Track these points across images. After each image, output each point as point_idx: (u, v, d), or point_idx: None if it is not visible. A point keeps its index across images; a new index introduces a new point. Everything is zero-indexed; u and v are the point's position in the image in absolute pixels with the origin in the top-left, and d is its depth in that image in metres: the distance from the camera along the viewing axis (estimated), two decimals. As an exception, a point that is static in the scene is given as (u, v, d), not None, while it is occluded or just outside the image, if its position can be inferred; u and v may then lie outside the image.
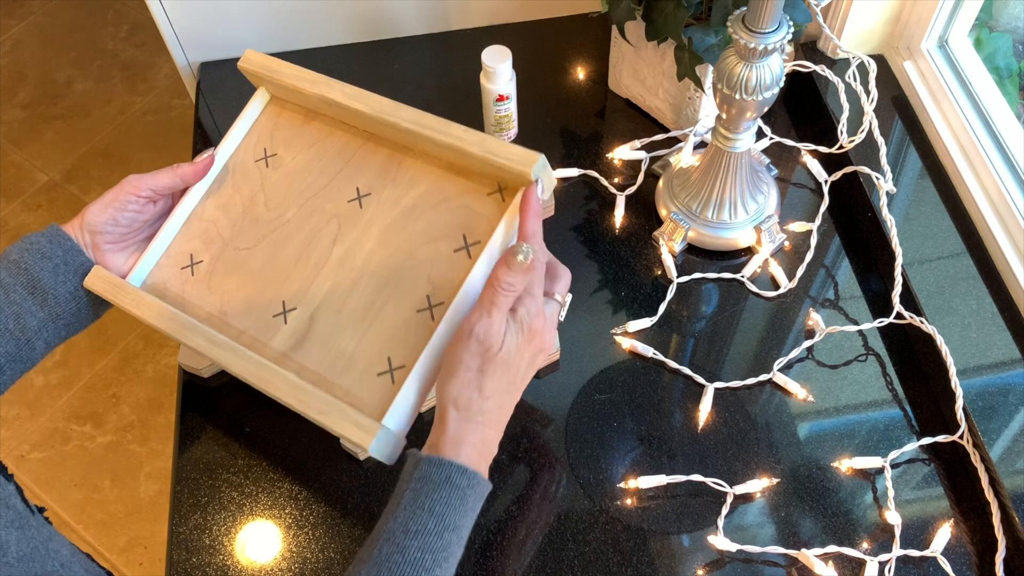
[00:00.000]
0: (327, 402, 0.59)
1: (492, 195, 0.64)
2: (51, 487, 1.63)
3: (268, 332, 0.65)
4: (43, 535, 0.52)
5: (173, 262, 0.71)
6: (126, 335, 1.82)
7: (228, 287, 0.68)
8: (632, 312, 0.85)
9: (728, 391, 0.80)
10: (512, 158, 0.59)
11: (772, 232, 0.88)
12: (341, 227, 0.67)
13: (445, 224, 0.64)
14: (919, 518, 0.72)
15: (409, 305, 0.62)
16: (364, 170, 0.69)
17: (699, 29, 0.83)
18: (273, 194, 0.71)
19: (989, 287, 0.81)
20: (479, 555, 0.71)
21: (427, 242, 0.64)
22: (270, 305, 0.66)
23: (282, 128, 0.73)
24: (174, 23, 1.04)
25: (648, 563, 0.70)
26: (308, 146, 0.72)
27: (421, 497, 0.52)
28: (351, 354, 0.62)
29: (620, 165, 0.97)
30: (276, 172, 0.71)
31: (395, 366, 0.61)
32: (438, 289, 0.62)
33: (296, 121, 0.73)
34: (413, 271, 0.63)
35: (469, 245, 0.63)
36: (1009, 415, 0.74)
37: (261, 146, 0.73)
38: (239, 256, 0.69)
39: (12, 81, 2.26)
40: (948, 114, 0.91)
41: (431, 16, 1.10)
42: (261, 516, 0.74)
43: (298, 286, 0.66)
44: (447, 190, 0.65)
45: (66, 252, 0.66)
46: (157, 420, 1.71)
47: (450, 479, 0.53)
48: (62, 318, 0.65)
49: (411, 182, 0.67)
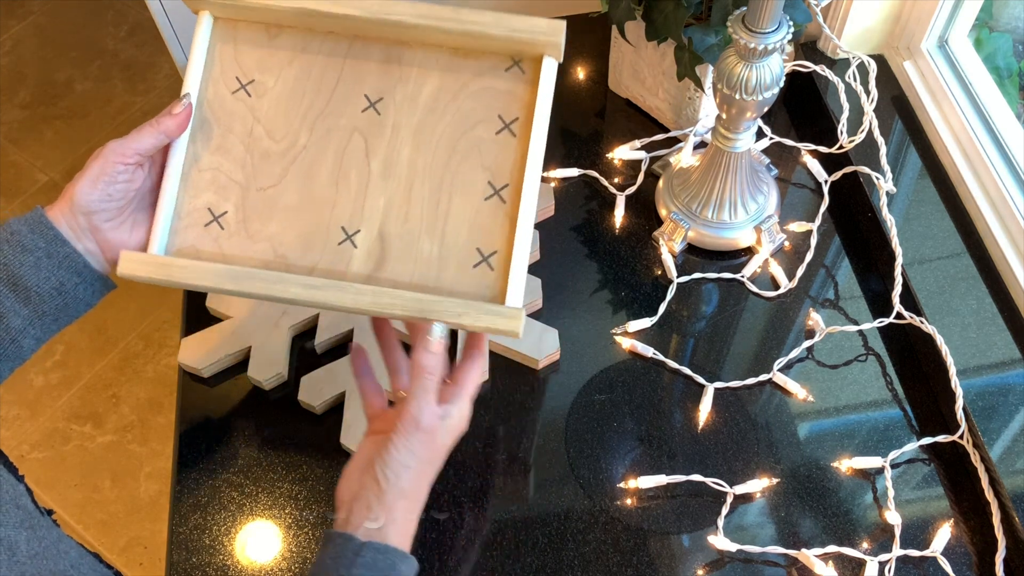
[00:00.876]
0: (460, 304, 0.58)
1: (511, 69, 0.64)
2: (51, 487, 1.63)
3: (342, 260, 0.62)
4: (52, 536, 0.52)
5: (191, 222, 0.64)
6: (126, 335, 1.82)
7: (272, 230, 0.63)
8: (632, 312, 0.85)
9: (728, 391, 0.80)
10: (537, 31, 0.61)
11: (772, 232, 0.88)
12: (368, 140, 0.64)
13: (475, 110, 0.63)
14: (919, 518, 0.72)
15: (475, 195, 0.62)
16: (364, 75, 0.64)
17: (699, 29, 0.83)
18: (272, 123, 0.64)
19: (989, 287, 0.81)
20: (480, 555, 0.71)
21: (465, 132, 0.63)
22: (330, 234, 0.63)
23: (245, 51, 0.65)
24: (174, 23, 1.04)
25: (648, 563, 0.70)
26: (287, 63, 0.65)
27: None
28: (438, 257, 0.62)
29: (620, 165, 0.97)
30: (263, 100, 0.65)
31: (487, 254, 0.62)
32: (497, 173, 0.62)
33: (258, 39, 0.65)
34: (464, 164, 0.63)
35: (508, 124, 0.63)
36: (1009, 415, 0.74)
37: (231, 76, 0.65)
38: (267, 196, 0.64)
39: (12, 81, 2.26)
40: (948, 114, 0.91)
41: (431, 16, 1.10)
42: (261, 516, 0.74)
43: (351, 209, 0.63)
44: (462, 76, 0.64)
45: (49, 243, 0.59)
46: (157, 420, 1.71)
47: (395, 567, 0.55)
48: (48, 314, 0.61)
49: (420, 76, 0.64)
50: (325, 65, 0.65)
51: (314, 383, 0.78)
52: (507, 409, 0.79)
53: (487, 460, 0.76)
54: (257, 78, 0.65)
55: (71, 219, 0.60)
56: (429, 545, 0.71)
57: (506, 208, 0.62)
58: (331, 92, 0.64)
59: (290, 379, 0.80)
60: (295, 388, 0.79)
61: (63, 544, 0.53)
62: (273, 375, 0.79)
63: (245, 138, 0.64)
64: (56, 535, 0.53)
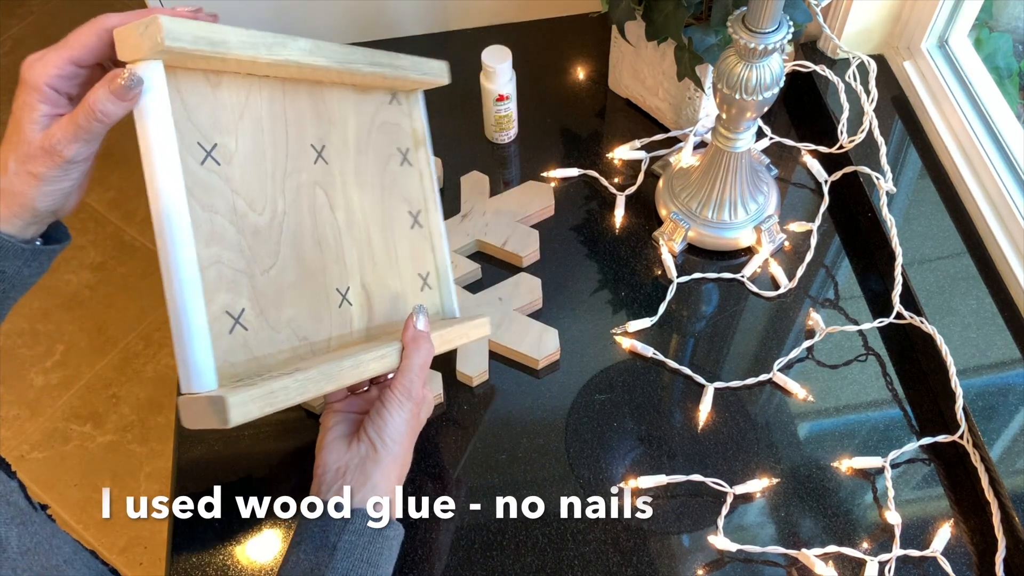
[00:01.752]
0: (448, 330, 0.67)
1: (392, 103, 0.71)
2: (51, 487, 1.63)
3: (345, 323, 0.65)
4: (46, 532, 0.52)
5: (217, 334, 0.55)
6: (126, 335, 1.82)
7: (288, 314, 0.60)
8: (632, 312, 0.85)
9: (728, 391, 0.80)
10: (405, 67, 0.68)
11: (772, 232, 0.88)
12: (327, 193, 0.65)
13: (384, 144, 0.70)
14: (919, 518, 0.72)
15: (405, 226, 0.71)
16: (304, 123, 0.63)
17: (699, 29, 0.83)
18: (249, 193, 0.59)
19: (989, 287, 0.81)
20: (480, 555, 0.71)
21: (384, 168, 0.70)
22: (330, 299, 0.65)
23: (193, 104, 0.56)
24: (174, 23, 1.04)
25: (648, 563, 0.70)
26: (238, 118, 0.59)
27: (358, 550, 0.55)
28: (401, 292, 0.69)
29: (620, 165, 0.97)
30: (232, 166, 0.58)
31: (424, 276, 0.72)
32: (412, 201, 0.72)
33: (202, 88, 0.57)
34: (391, 199, 0.70)
35: (405, 155, 0.72)
36: (1009, 415, 0.74)
37: (192, 141, 0.56)
38: (271, 279, 0.60)
39: (12, 81, 2.25)
40: (948, 114, 0.91)
41: (431, 16, 1.10)
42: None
43: (337, 268, 0.65)
44: (367, 110, 0.69)
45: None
46: (157, 420, 1.71)
47: (382, 532, 0.56)
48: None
49: (341, 115, 0.67)
50: (269, 115, 0.61)
51: (314, 383, 0.78)
52: (507, 409, 0.79)
53: (487, 460, 0.76)
54: (218, 141, 0.57)
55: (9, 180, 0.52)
56: (429, 545, 0.71)
57: (424, 231, 0.72)
58: (285, 146, 0.62)
59: (290, 379, 0.80)
60: (295, 388, 0.78)
61: (57, 540, 0.53)
62: (273, 375, 0.79)
63: (231, 216, 0.58)
64: (50, 530, 0.53)
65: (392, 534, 0.57)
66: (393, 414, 0.59)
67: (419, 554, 0.71)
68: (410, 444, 0.61)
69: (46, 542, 0.51)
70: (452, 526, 0.72)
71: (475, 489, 0.74)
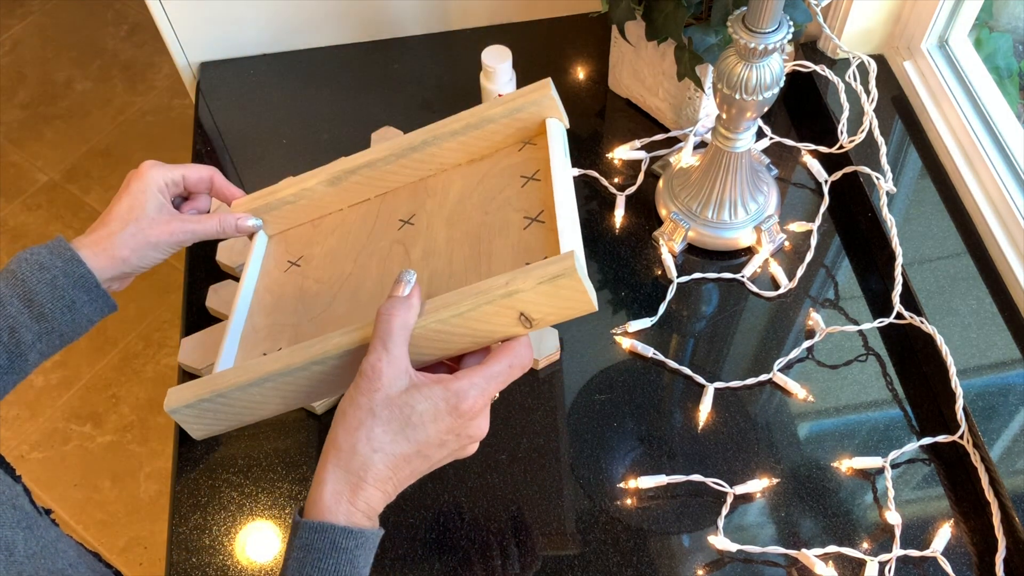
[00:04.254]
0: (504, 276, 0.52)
1: (522, 150, 0.64)
2: (51, 487, 1.63)
3: None
4: (50, 536, 0.52)
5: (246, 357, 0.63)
6: (126, 335, 1.82)
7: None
8: (632, 312, 0.85)
9: (728, 391, 0.80)
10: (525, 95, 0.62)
11: (772, 232, 0.88)
12: (406, 244, 0.63)
13: (498, 182, 0.63)
14: (919, 518, 0.72)
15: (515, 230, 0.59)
16: (397, 210, 0.65)
17: (699, 29, 0.83)
18: (321, 275, 0.65)
19: (989, 287, 0.81)
20: (480, 555, 0.71)
21: (492, 200, 0.62)
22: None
23: (293, 240, 0.69)
24: (174, 23, 1.04)
25: (648, 563, 0.70)
26: (329, 232, 0.67)
27: (307, 568, 0.48)
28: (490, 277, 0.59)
29: (620, 165, 0.97)
30: (311, 264, 0.66)
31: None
32: (530, 209, 0.60)
33: (304, 231, 0.70)
34: (498, 216, 0.60)
35: (531, 177, 0.62)
36: (1009, 415, 0.74)
37: (283, 261, 0.68)
38: (319, 320, 0.62)
39: (12, 81, 2.26)
40: (948, 114, 0.91)
41: (431, 16, 1.10)
42: (261, 516, 0.74)
43: None
44: (482, 171, 0.65)
45: (66, 263, 0.61)
46: (157, 420, 1.71)
47: (335, 544, 0.48)
48: (57, 331, 0.62)
49: (445, 187, 0.65)
50: (361, 219, 0.67)
51: (314, 383, 0.78)
52: (507, 409, 0.79)
53: (487, 460, 0.76)
54: (305, 253, 0.68)
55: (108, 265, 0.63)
56: (429, 545, 0.71)
57: (545, 226, 0.58)
58: (370, 232, 0.66)
59: (290, 379, 0.80)
60: (295, 388, 0.79)
61: (61, 543, 0.53)
62: (273, 375, 0.79)
63: (296, 292, 0.65)
64: (55, 534, 0.53)
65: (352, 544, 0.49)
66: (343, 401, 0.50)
67: (418, 554, 0.71)
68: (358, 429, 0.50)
69: (51, 546, 0.51)
70: (451, 526, 0.72)
71: (475, 489, 0.74)
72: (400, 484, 0.51)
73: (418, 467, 0.52)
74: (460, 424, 0.51)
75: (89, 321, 0.64)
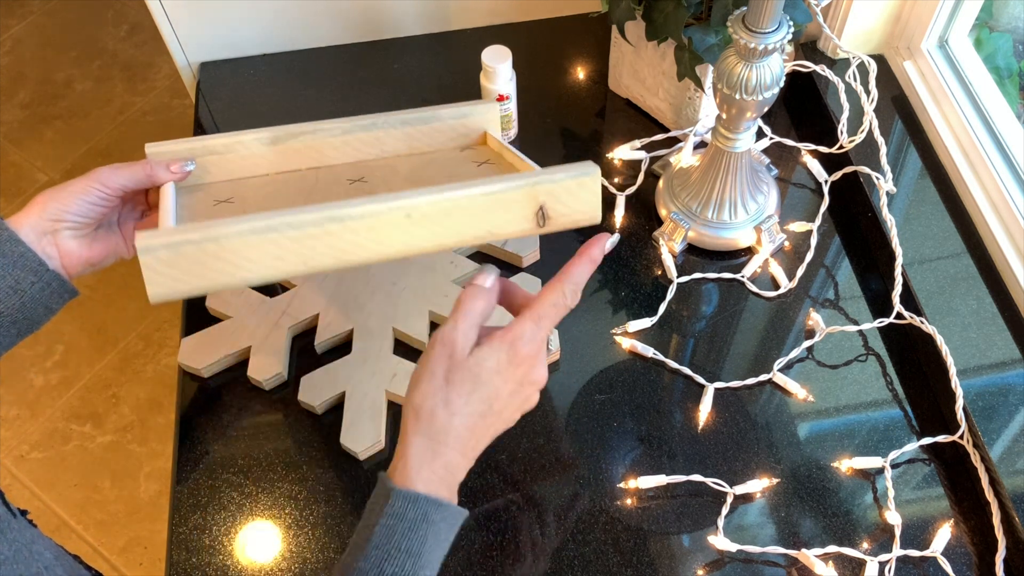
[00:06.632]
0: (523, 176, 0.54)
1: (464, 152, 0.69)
2: (51, 487, 1.63)
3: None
4: (25, 538, 0.51)
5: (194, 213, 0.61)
6: (126, 335, 1.82)
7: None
8: (632, 312, 0.85)
9: (728, 391, 0.80)
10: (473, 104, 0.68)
11: (772, 232, 0.88)
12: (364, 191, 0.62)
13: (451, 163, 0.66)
14: (919, 518, 0.72)
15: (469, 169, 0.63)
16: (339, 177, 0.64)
17: (699, 29, 0.83)
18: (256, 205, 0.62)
19: (989, 287, 0.81)
20: (480, 555, 0.71)
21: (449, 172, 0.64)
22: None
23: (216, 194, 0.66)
24: (174, 23, 1.04)
25: (648, 563, 0.70)
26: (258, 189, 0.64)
27: (396, 536, 0.49)
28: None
29: (620, 165, 0.97)
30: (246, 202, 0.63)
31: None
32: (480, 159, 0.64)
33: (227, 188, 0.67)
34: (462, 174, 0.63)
35: (484, 161, 0.66)
36: (1009, 415, 0.74)
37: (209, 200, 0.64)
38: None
39: (12, 81, 2.26)
40: (948, 114, 0.91)
41: (431, 16, 1.10)
42: (261, 516, 0.74)
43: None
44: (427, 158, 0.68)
45: (2, 243, 0.58)
46: (157, 420, 1.71)
47: (427, 516, 0.50)
48: (6, 314, 0.58)
49: (392, 166, 0.66)
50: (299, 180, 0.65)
51: (314, 383, 0.78)
52: (507, 409, 0.79)
53: (487, 460, 0.76)
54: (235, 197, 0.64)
55: (37, 222, 0.60)
56: (429, 545, 0.71)
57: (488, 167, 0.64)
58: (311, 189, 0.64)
59: (290, 379, 0.80)
60: (295, 388, 0.79)
61: (37, 545, 0.52)
62: (273, 375, 0.79)
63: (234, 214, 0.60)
64: (30, 536, 0.51)
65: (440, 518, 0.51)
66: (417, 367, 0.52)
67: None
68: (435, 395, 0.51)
69: (25, 549, 0.50)
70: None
71: (475, 489, 0.74)
72: (479, 445, 0.53)
73: (493, 424, 0.53)
74: (522, 372, 0.53)
75: (46, 308, 0.61)
